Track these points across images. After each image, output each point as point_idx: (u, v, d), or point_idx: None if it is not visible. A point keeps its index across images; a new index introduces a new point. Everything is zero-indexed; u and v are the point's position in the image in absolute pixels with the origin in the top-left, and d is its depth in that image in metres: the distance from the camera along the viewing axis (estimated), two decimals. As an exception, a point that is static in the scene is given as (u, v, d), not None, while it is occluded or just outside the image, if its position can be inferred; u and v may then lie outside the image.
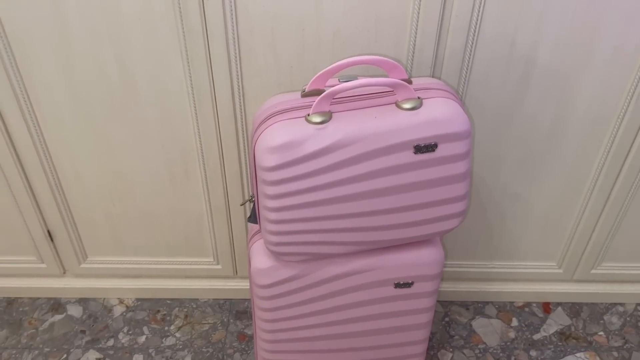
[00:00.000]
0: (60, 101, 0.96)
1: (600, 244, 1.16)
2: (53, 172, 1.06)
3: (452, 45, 0.88)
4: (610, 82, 0.93)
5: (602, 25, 0.86)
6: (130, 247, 1.18)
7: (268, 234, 0.79)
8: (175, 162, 1.04)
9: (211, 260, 1.20)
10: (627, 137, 0.99)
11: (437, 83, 0.79)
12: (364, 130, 0.72)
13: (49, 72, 0.92)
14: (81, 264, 1.21)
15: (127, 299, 1.26)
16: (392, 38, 0.87)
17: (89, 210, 1.12)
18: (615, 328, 1.22)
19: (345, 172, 0.73)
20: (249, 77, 0.92)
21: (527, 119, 0.97)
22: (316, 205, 0.76)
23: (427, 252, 0.86)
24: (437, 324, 1.22)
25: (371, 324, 0.94)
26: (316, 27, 0.86)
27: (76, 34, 0.87)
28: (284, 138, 0.71)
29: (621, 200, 1.08)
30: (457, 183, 0.77)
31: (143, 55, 0.90)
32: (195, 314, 1.24)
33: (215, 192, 1.07)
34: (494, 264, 1.21)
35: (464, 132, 0.73)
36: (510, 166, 1.04)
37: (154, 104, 0.96)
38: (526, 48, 0.89)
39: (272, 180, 0.73)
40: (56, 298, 1.27)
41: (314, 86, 0.77)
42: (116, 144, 1.01)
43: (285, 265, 0.85)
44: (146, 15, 0.85)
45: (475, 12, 0.85)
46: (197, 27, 0.85)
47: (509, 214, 1.12)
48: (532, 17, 0.85)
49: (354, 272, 0.86)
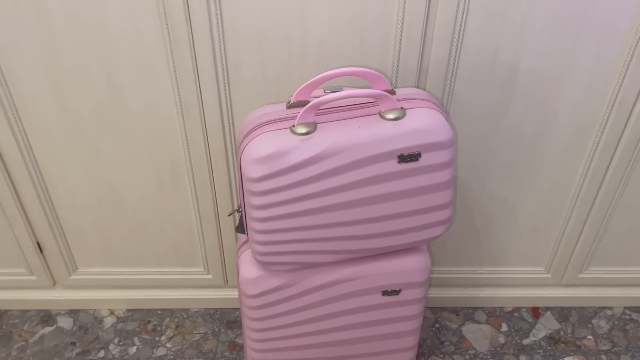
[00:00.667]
0: (49, 113, 0.96)
1: (587, 248, 1.17)
2: (42, 183, 1.06)
3: (436, 55, 0.89)
4: (592, 90, 0.94)
5: (582, 34, 0.88)
6: (120, 257, 1.19)
7: (255, 244, 0.80)
8: (164, 172, 1.04)
9: (201, 270, 1.21)
10: (610, 143, 1.01)
11: (420, 93, 0.80)
12: (348, 140, 0.72)
13: (37, 84, 0.93)
14: (71, 275, 1.21)
15: (118, 310, 1.26)
16: (377, 48, 0.88)
17: (79, 221, 1.12)
18: (604, 332, 1.23)
19: (331, 182, 0.74)
20: (236, 88, 0.93)
21: (512, 126, 0.99)
22: (302, 215, 0.76)
23: (414, 260, 0.87)
24: (427, 330, 1.23)
25: (360, 331, 0.95)
26: (302, 38, 0.87)
27: (64, 47, 0.88)
28: (269, 149, 0.72)
29: (606, 205, 1.10)
30: (441, 191, 0.78)
31: (131, 68, 0.90)
32: (186, 324, 1.24)
33: (204, 202, 1.08)
34: (483, 269, 1.22)
35: (446, 141, 0.74)
36: (497, 173, 1.06)
37: (142, 116, 0.96)
38: (509, 57, 0.90)
39: (259, 191, 0.74)
40: (46, 310, 1.26)
41: (299, 97, 0.77)
42: (105, 155, 1.02)
43: (273, 274, 0.85)
44: (133, 28, 0.86)
45: (458, 23, 0.86)
46: (184, 39, 0.86)
47: (497, 219, 1.13)
48: (514, 26, 0.87)
49: (342, 280, 0.87)
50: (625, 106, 0.95)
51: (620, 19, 0.86)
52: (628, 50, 0.89)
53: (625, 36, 0.88)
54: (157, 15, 0.84)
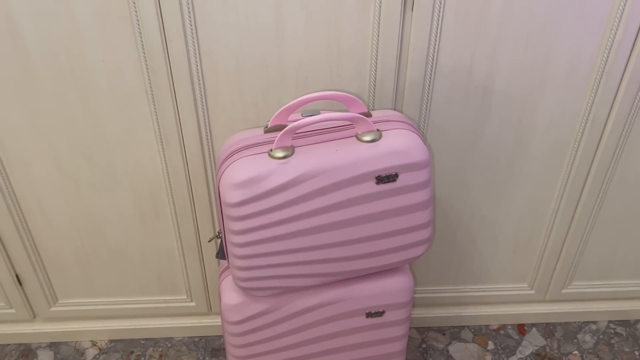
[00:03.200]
0: (26, 143, 0.96)
1: (569, 263, 1.18)
2: (20, 214, 1.05)
3: (412, 77, 0.91)
4: (565, 107, 0.96)
5: (553, 52, 0.90)
6: (101, 287, 1.17)
7: (236, 269, 0.79)
8: (144, 200, 1.04)
9: (184, 298, 1.19)
10: (586, 159, 1.02)
11: (395, 115, 0.81)
12: (325, 163, 0.73)
13: (13, 114, 0.92)
14: (51, 307, 1.19)
15: (100, 341, 1.24)
16: (354, 72, 0.90)
17: (58, 251, 1.11)
18: (589, 346, 1.23)
19: (310, 205, 0.75)
20: (215, 114, 0.93)
21: (489, 144, 1.00)
22: (282, 239, 0.76)
23: (397, 280, 0.87)
24: (414, 351, 1.22)
25: (345, 355, 0.94)
26: (279, 63, 0.88)
27: (40, 77, 0.88)
28: (247, 174, 0.72)
29: (585, 219, 1.11)
30: (420, 211, 0.79)
31: (108, 97, 0.90)
32: (170, 353, 1.22)
33: (185, 229, 1.07)
34: (467, 287, 1.22)
35: (423, 161, 0.75)
36: (477, 191, 1.07)
37: (121, 144, 0.96)
38: (483, 76, 0.92)
39: (237, 216, 0.74)
40: (26, 344, 1.24)
41: (276, 122, 0.78)
42: (84, 184, 1.01)
43: (255, 300, 0.85)
44: (110, 57, 0.86)
45: (432, 45, 0.88)
46: (162, 68, 0.87)
47: (479, 237, 1.14)
48: (487, 46, 0.88)
49: (325, 303, 0.86)
50: (598, 123, 0.98)
51: (590, 36, 0.88)
52: (598, 68, 0.91)
53: (594, 54, 0.90)
54: (134, 44, 0.85)
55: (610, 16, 0.86)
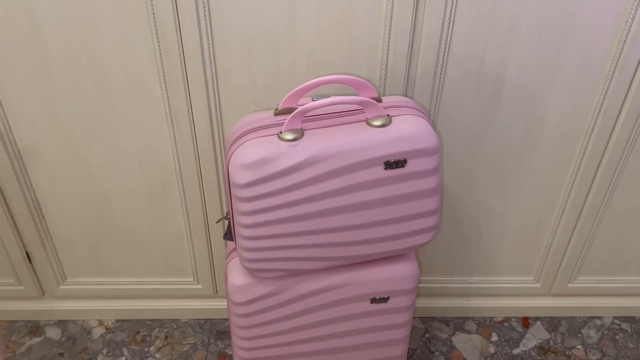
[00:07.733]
0: (39, 123, 0.97)
1: (576, 257, 1.18)
2: (31, 193, 1.06)
3: (424, 65, 0.91)
4: (577, 99, 0.96)
5: (567, 44, 0.89)
6: (109, 267, 1.18)
7: (243, 250, 0.80)
8: (154, 182, 1.05)
9: (191, 280, 1.20)
10: (597, 152, 1.02)
11: (406, 101, 0.81)
12: (334, 147, 0.73)
13: (26, 93, 0.93)
14: (60, 286, 1.21)
15: (107, 321, 1.26)
16: (365, 58, 0.90)
17: (68, 231, 1.12)
18: (593, 342, 1.23)
19: (318, 188, 0.75)
20: (225, 97, 0.93)
21: (499, 135, 1.00)
22: (289, 221, 0.77)
23: (402, 267, 0.88)
24: (417, 340, 1.23)
25: (349, 340, 0.94)
26: (291, 48, 0.88)
27: (54, 56, 0.89)
28: (256, 155, 0.73)
29: (594, 213, 1.10)
30: (427, 198, 0.79)
31: (121, 77, 0.91)
32: (176, 335, 1.23)
33: (194, 211, 1.08)
34: (473, 279, 1.23)
35: (432, 148, 0.75)
36: (485, 181, 1.06)
37: (132, 125, 0.97)
38: (495, 66, 0.91)
39: (246, 197, 0.74)
40: (34, 320, 1.26)
41: (286, 105, 0.78)
42: (95, 165, 1.02)
43: (261, 282, 0.85)
44: (123, 37, 0.87)
45: (445, 32, 0.87)
46: (174, 47, 0.87)
47: (486, 229, 1.14)
48: (500, 35, 0.88)
49: (330, 287, 0.87)
50: (610, 116, 0.97)
51: (604, 29, 0.87)
52: (611, 60, 0.91)
53: (608, 47, 0.89)
54: (147, 24, 0.85)
55: (625, 8, 0.85)
